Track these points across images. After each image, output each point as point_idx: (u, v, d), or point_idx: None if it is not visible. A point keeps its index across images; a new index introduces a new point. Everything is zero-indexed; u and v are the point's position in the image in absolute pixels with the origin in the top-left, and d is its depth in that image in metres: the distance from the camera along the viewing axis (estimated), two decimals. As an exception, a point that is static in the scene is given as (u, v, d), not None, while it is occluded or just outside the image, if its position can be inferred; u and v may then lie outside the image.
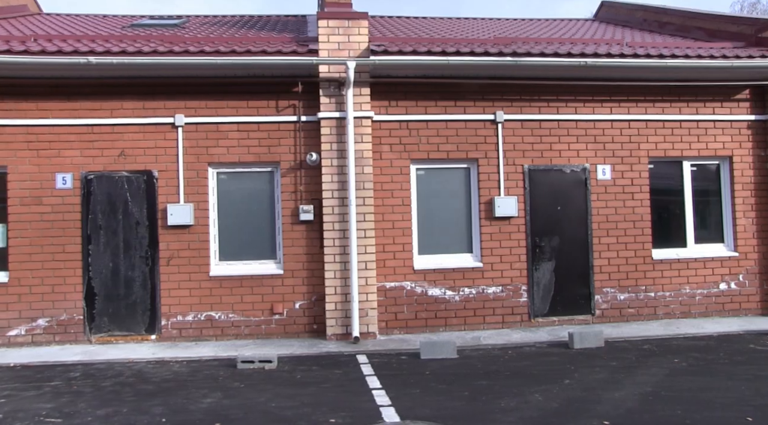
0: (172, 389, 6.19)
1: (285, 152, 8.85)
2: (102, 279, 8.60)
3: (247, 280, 8.74)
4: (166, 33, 10.10)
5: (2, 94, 8.58)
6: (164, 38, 9.33)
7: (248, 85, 8.78)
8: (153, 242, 8.65)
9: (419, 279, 8.95)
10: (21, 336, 8.50)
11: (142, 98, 8.72)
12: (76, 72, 8.45)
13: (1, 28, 10.30)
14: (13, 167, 8.61)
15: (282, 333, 8.73)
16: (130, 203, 8.65)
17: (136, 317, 8.62)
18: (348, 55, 8.69)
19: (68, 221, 8.61)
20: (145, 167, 8.71)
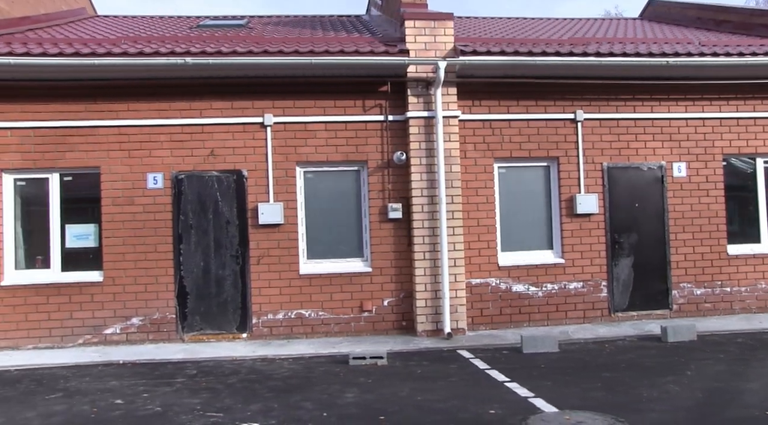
0: (302, 385, 6.29)
1: (372, 150, 8.97)
2: (193, 278, 8.68)
3: (336, 278, 8.84)
4: (240, 33, 10.18)
5: (95, 96, 8.64)
6: (247, 38, 9.41)
7: (335, 85, 8.89)
8: (243, 241, 8.73)
9: (503, 276, 9.10)
10: (116, 334, 8.57)
11: (231, 98, 8.81)
12: (166, 73, 8.52)
13: (79, 31, 10.35)
14: (106, 167, 8.67)
15: (371, 330, 8.85)
16: (220, 202, 8.74)
17: (227, 316, 8.71)
18: (434, 55, 8.82)
19: (159, 221, 8.69)
20: (235, 166, 8.79)
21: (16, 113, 8.61)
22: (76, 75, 8.47)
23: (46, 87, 8.60)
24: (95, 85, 8.62)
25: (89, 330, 8.56)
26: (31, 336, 8.52)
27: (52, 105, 8.64)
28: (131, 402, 5.77)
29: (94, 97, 8.68)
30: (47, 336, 8.53)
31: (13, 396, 6.11)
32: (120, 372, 7.07)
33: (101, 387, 6.35)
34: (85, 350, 8.31)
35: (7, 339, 8.48)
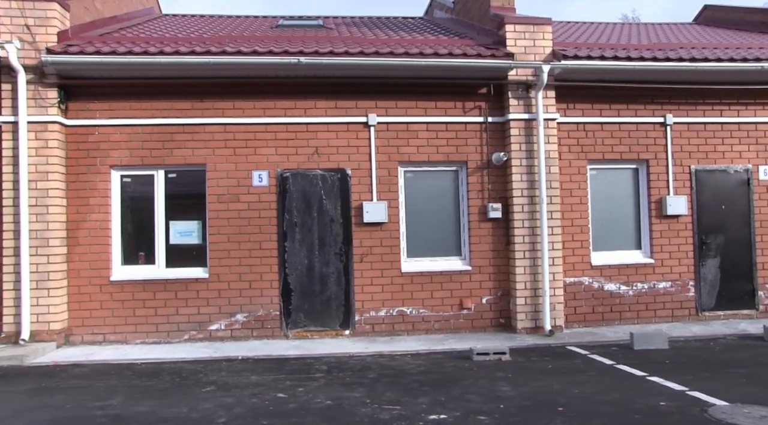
0: (447, 379, 6.42)
1: (471, 151, 9.13)
2: (298, 275, 8.79)
3: (437, 276, 8.99)
4: (319, 33, 10.27)
5: (201, 94, 8.75)
6: (334, 39, 9.54)
7: (435, 87, 9.05)
8: (347, 239, 8.86)
9: (596, 275, 9.30)
10: (221, 330, 8.67)
11: (335, 98, 8.94)
12: (272, 71, 8.64)
13: (165, 29, 10.43)
14: (212, 164, 8.77)
15: (470, 327, 9.01)
16: (325, 200, 8.86)
17: (330, 313, 8.83)
18: (534, 59, 9.00)
19: (264, 218, 8.80)
20: (338, 165, 8.92)
21: (124, 110, 8.70)
22: (184, 73, 8.57)
23: (153, 85, 8.68)
24: (201, 83, 8.72)
25: (194, 325, 8.65)
26: (138, 330, 8.59)
27: (159, 103, 8.73)
28: (294, 395, 5.87)
29: (200, 95, 8.77)
30: (154, 332, 8.61)
31: (168, 388, 6.20)
32: (249, 367, 7.16)
33: (246, 382, 6.45)
34: (194, 345, 8.40)
35: (116, 333, 8.56)
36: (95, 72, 8.44)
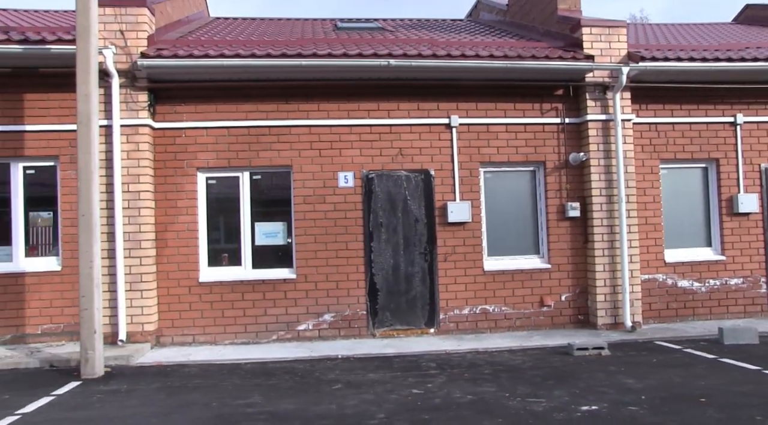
0: (566, 374, 6.55)
1: (549, 152, 9.29)
2: (384, 275, 8.91)
3: (518, 274, 9.14)
4: (381, 35, 10.36)
5: (286, 96, 8.85)
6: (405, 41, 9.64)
7: (514, 88, 9.20)
8: (431, 238, 8.99)
9: (669, 271, 9.49)
10: (309, 330, 8.76)
11: (417, 100, 9.07)
12: (358, 73, 8.76)
13: (233, 32, 10.51)
14: (297, 166, 8.87)
15: (550, 324, 9.16)
16: (409, 200, 8.98)
17: (416, 312, 8.95)
18: (609, 61, 9.18)
19: (350, 219, 8.90)
20: (422, 165, 9.05)
21: (210, 112, 8.78)
22: (272, 75, 8.67)
23: (238, 87, 8.78)
24: (286, 85, 8.82)
25: (282, 326, 8.74)
26: (227, 331, 8.67)
27: (244, 105, 8.82)
28: (429, 391, 5.99)
29: (285, 97, 8.88)
30: (243, 332, 8.69)
31: (295, 386, 6.29)
32: (356, 365, 7.26)
33: (367, 379, 6.56)
34: (284, 345, 8.48)
35: (205, 334, 8.62)
36: (185, 75, 8.52)
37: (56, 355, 7.75)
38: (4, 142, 8.58)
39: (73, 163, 8.62)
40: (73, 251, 8.57)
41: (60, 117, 8.63)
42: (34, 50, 8.09)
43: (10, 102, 8.60)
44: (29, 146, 8.61)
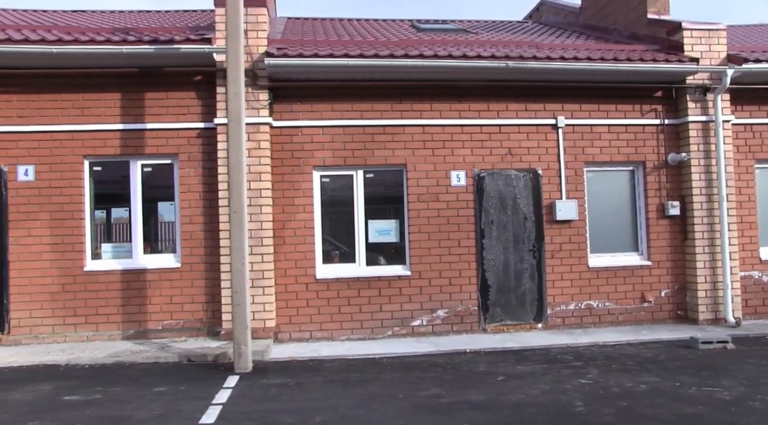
0: (707, 366, 6.81)
1: (649, 152, 9.55)
2: (494, 272, 9.11)
3: (620, 271, 9.39)
4: (469, 38, 10.53)
5: (400, 96, 9.02)
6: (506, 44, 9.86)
7: (615, 91, 9.44)
8: (539, 236, 9.21)
9: (765, 269, 9.78)
10: (422, 326, 8.94)
11: (524, 101, 9.28)
12: (472, 75, 8.95)
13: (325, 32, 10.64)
14: (411, 164, 9.04)
15: (650, 319, 9.42)
16: (518, 199, 9.20)
17: (524, 307, 9.16)
18: (709, 63, 9.46)
19: (462, 217, 9.10)
20: (530, 165, 9.27)
21: (326, 111, 8.93)
22: (390, 75, 8.83)
23: (353, 87, 8.93)
24: (400, 85, 8.99)
25: (397, 322, 8.91)
26: (343, 327, 8.82)
27: (359, 104, 8.98)
28: (599, 381, 6.20)
29: (399, 97, 9.05)
30: (359, 328, 8.85)
31: (458, 378, 6.46)
32: (493, 359, 7.46)
33: (520, 371, 6.76)
34: (403, 341, 8.64)
35: (322, 330, 8.77)
36: (304, 74, 8.65)
37: (189, 350, 7.86)
38: (125, 140, 8.68)
39: (191, 161, 8.75)
40: (192, 249, 8.70)
41: (178, 115, 8.75)
42: (165, 50, 8.20)
43: (132, 101, 8.71)
44: (149, 144, 8.71)
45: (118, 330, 8.59)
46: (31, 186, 8.59)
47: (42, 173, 8.61)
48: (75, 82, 8.63)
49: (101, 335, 8.57)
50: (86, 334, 8.55)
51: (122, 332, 8.59)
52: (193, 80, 8.79)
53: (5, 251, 8.51)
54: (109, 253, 8.82)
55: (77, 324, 8.55)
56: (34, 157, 8.62)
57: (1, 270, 8.50)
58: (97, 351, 7.91)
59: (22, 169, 8.58)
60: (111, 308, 8.59)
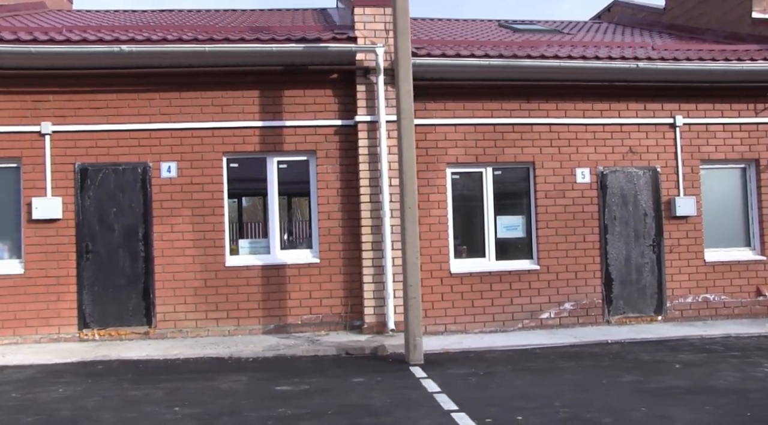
0: None
1: (762, 150, 9.88)
2: (617, 266, 9.40)
3: (735, 265, 9.72)
4: (563, 39, 10.80)
5: (528, 95, 9.26)
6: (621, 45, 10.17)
7: (727, 90, 9.75)
8: (658, 231, 9.51)
9: None
10: (550, 318, 9.20)
11: (644, 101, 9.56)
12: (601, 75, 9.23)
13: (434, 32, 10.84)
14: (539, 162, 9.29)
15: (765, 313, 9.76)
16: (638, 195, 9.48)
17: (645, 300, 9.46)
18: (816, 64, 9.81)
19: (587, 213, 9.37)
20: (649, 162, 9.56)
21: (458, 110, 9.14)
22: (520, 75, 9.08)
23: (484, 86, 9.15)
24: (527, 85, 9.23)
25: (527, 315, 9.17)
26: (477, 321, 9.06)
27: (490, 103, 9.21)
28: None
29: (527, 97, 9.29)
30: (491, 321, 9.09)
31: (634, 366, 6.71)
32: (649, 348, 7.74)
33: (686, 360, 7.03)
34: (536, 332, 8.90)
35: (456, 323, 9.00)
36: (443, 74, 8.86)
37: (342, 344, 8.04)
38: (264, 137, 8.83)
39: (329, 158, 8.93)
40: (330, 244, 8.88)
41: (316, 112, 8.92)
42: (312, 49, 8.37)
43: (270, 98, 8.86)
44: (287, 141, 8.87)
45: (259, 324, 8.74)
46: (173, 183, 8.72)
47: (184, 169, 8.74)
48: (215, 80, 8.77)
49: (242, 329, 8.72)
50: (228, 329, 8.69)
51: (263, 326, 8.74)
52: (330, 78, 8.95)
53: (150, 246, 8.62)
54: (246, 249, 8.97)
55: (219, 318, 8.69)
56: (176, 154, 8.73)
57: (147, 265, 8.62)
58: (251, 345, 8.07)
59: (165, 165, 8.70)
60: (251, 303, 8.74)
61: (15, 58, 8.22)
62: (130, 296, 8.61)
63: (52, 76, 8.57)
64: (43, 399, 5.90)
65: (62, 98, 8.64)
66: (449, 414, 5.17)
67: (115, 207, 8.63)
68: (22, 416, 5.35)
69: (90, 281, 8.58)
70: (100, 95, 8.67)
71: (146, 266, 8.62)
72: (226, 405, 5.58)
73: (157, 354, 7.74)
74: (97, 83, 8.64)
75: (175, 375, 6.75)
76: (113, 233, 8.62)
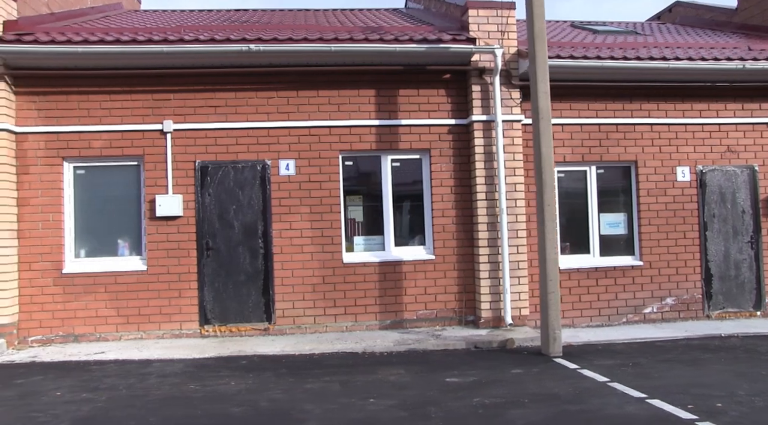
0: None
1: None
2: (716, 262, 9.64)
3: (826, 261, 10.00)
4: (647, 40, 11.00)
5: (631, 96, 9.48)
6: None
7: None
8: (756, 228, 9.76)
9: None
10: (653, 313, 9.43)
11: (741, 100, 9.80)
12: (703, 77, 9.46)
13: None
14: (641, 161, 9.52)
15: None
16: (737, 193, 9.73)
17: (744, 295, 9.71)
18: None
19: (687, 210, 9.60)
20: (747, 161, 9.81)
21: (566, 110, 9.35)
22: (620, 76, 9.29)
23: (588, 87, 9.36)
24: (630, 86, 9.45)
25: (630, 309, 9.39)
26: (583, 315, 9.27)
27: (595, 103, 9.42)
28: None
29: (629, 98, 9.51)
30: (597, 316, 9.30)
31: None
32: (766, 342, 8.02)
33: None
34: (640, 326, 9.11)
35: (564, 318, 9.18)
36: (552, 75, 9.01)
37: (467, 338, 8.22)
38: (380, 136, 8.98)
39: (443, 156, 9.10)
40: (444, 241, 9.05)
41: (429, 112, 9.09)
42: (434, 49, 8.54)
43: (385, 97, 9.01)
44: (402, 139, 9.03)
45: (375, 320, 8.89)
46: (291, 180, 8.85)
47: (302, 167, 8.87)
48: (331, 79, 8.91)
49: (359, 325, 8.86)
50: (345, 324, 8.83)
51: (379, 322, 8.89)
52: (442, 78, 9.12)
53: (269, 243, 8.75)
54: (360, 246, 9.11)
55: (337, 314, 8.83)
56: (293, 152, 8.86)
57: (266, 262, 8.74)
58: (379, 340, 8.21)
59: (283, 163, 8.83)
60: (368, 300, 8.89)
61: (143, 57, 8.33)
62: (249, 293, 8.72)
63: (172, 76, 8.68)
64: (223, 390, 6.03)
65: (182, 97, 8.75)
66: (644, 400, 5.36)
67: (234, 205, 8.75)
68: (226, 405, 5.48)
69: (210, 277, 8.69)
70: (219, 94, 8.79)
71: (265, 263, 8.74)
72: (413, 395, 5.74)
73: (290, 349, 7.86)
74: (214, 82, 8.75)
75: (328, 369, 6.88)
76: (233, 230, 8.73)
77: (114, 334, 8.55)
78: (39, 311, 8.50)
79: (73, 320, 8.52)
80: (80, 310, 8.53)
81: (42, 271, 8.53)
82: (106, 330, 8.55)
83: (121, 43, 8.16)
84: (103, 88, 8.66)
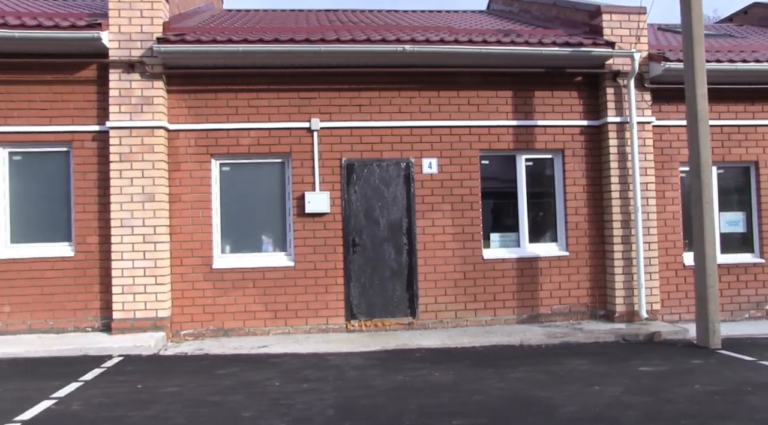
0: None
1: None
2: (829, 259, 10.00)
3: None
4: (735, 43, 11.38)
5: (753, 98, 9.80)
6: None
7: None
8: None
9: None
10: (773, 309, 9.78)
11: None
12: None
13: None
14: (762, 161, 9.84)
15: None
16: None
17: None
18: None
19: (802, 210, 9.96)
20: None
21: (690, 112, 9.63)
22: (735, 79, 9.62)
23: (711, 90, 9.57)
24: (750, 88, 9.75)
25: (752, 305, 9.71)
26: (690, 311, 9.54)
27: (717, 106, 9.68)
28: None
29: (751, 100, 9.83)
30: (720, 311, 9.50)
31: None
32: None
33: None
34: (763, 322, 9.43)
35: (689, 312, 9.43)
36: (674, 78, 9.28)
37: (612, 331, 8.47)
38: (516, 136, 9.23)
39: (575, 156, 9.37)
40: (577, 238, 9.32)
41: (563, 113, 9.35)
42: (576, 53, 8.79)
43: (521, 99, 9.26)
44: (538, 139, 9.28)
45: (513, 314, 9.13)
46: (434, 178, 9.07)
47: (443, 165, 9.09)
48: (470, 80, 9.15)
49: (498, 319, 9.10)
50: (485, 319, 9.07)
51: (516, 316, 9.13)
52: (575, 81, 9.39)
53: (413, 239, 8.96)
54: (496, 242, 9.35)
55: (477, 309, 9.07)
56: (435, 150, 9.09)
57: (411, 259, 8.95)
58: (528, 334, 8.44)
59: (426, 162, 9.04)
60: (506, 295, 9.13)
61: (298, 56, 8.52)
62: (394, 288, 8.93)
63: (318, 74, 8.86)
64: (435, 381, 6.23)
65: (327, 95, 8.94)
66: None
67: (379, 202, 8.95)
68: (458, 394, 5.69)
69: (357, 273, 8.88)
70: (363, 93, 8.99)
71: (410, 259, 8.95)
72: (628, 383, 5.98)
73: (450, 342, 8.08)
74: (359, 81, 8.95)
75: (511, 361, 7.10)
76: (378, 226, 8.93)
77: (262, 329, 8.71)
78: (190, 305, 8.65)
79: (223, 315, 8.68)
80: (229, 305, 8.69)
81: (192, 266, 8.68)
82: (254, 324, 8.71)
83: (279, 42, 8.34)
84: (251, 85, 8.83)
